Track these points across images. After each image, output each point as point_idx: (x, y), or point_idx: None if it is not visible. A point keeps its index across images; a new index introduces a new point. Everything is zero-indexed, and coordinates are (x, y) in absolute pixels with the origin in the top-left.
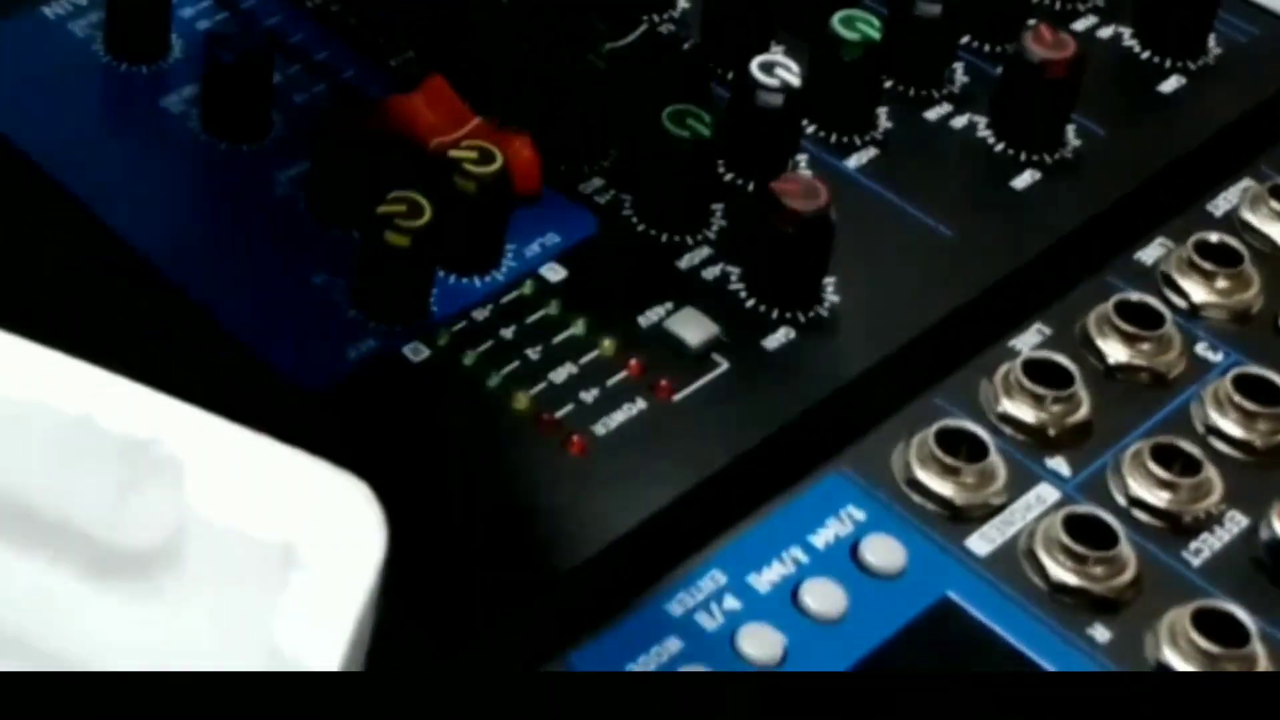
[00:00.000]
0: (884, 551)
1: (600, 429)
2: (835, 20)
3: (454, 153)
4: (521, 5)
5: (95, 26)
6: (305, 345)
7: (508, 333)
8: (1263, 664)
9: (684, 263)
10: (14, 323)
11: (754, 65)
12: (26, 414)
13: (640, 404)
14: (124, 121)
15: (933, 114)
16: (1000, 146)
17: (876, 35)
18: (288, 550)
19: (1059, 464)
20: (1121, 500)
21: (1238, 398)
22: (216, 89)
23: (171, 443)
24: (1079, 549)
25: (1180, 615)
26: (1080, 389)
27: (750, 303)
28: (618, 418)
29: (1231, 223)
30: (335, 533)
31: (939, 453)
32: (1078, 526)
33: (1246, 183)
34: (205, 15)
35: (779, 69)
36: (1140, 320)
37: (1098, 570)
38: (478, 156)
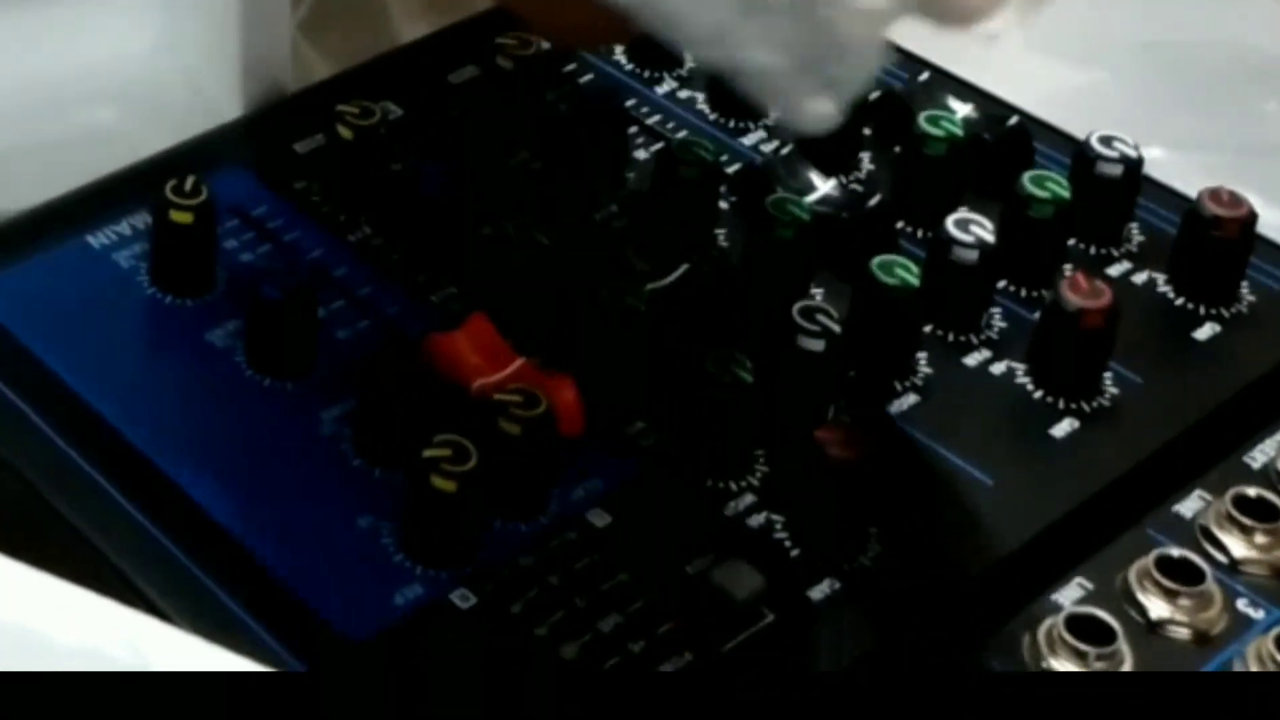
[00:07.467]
0: None
1: None
2: (874, 265)
3: (499, 396)
4: (562, 245)
5: (139, 257)
6: (352, 592)
7: (554, 579)
8: None
9: (728, 510)
10: (55, 561)
11: (795, 310)
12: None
13: (687, 655)
14: (168, 356)
15: (971, 360)
16: (1039, 394)
17: (915, 281)
18: None
19: None
20: None
21: None
22: (261, 325)
23: None
24: None
25: None
26: (1123, 645)
27: (795, 552)
28: (665, 670)
29: (1269, 475)
30: None
31: None
32: None
33: None
34: (249, 248)
35: (820, 315)
36: (1181, 576)
37: None
38: (522, 400)
